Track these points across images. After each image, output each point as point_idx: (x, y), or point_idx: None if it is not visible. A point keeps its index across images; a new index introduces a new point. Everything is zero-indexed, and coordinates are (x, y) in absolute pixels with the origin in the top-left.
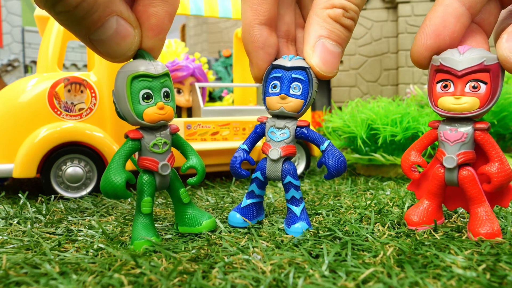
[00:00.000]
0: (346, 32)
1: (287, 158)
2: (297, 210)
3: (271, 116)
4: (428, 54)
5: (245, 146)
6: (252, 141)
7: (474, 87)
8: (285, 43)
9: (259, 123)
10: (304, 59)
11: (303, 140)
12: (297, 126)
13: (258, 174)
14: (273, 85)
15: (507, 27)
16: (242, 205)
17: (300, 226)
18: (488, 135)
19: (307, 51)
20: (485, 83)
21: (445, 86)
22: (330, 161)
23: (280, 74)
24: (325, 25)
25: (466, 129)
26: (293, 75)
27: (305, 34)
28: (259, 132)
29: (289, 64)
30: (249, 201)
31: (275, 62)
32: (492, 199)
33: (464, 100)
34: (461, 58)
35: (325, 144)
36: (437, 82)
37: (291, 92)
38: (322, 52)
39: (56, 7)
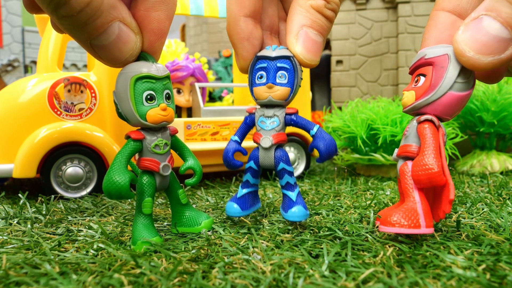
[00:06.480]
0: (327, 22)
1: (279, 146)
2: (292, 195)
3: (259, 107)
4: None
5: (236, 138)
6: (243, 132)
7: (416, 81)
8: (269, 36)
9: (248, 114)
10: (287, 49)
11: (293, 126)
12: (286, 114)
13: (251, 164)
14: (259, 76)
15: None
16: (238, 195)
17: (296, 210)
18: (427, 129)
19: (291, 40)
20: (425, 76)
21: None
22: (321, 145)
23: (265, 65)
24: (308, 15)
25: (411, 123)
26: (278, 64)
27: (288, 24)
28: (249, 123)
29: (273, 54)
30: (244, 191)
31: (260, 53)
32: (438, 206)
33: (404, 95)
34: (415, 56)
35: (315, 129)
36: None
37: (277, 81)
38: (305, 41)
39: (58, 11)
